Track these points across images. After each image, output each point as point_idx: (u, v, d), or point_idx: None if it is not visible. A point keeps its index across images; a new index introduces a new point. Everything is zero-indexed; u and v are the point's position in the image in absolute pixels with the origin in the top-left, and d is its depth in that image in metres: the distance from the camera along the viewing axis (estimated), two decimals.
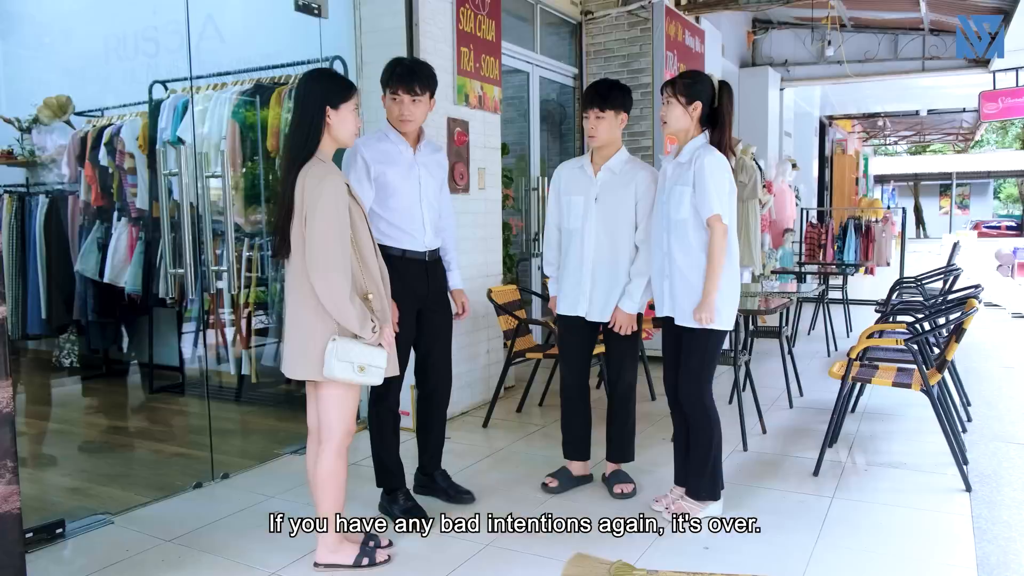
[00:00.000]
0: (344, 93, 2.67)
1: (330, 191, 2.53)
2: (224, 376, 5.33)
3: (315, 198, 2.52)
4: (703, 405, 3.21)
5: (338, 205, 2.54)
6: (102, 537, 3.14)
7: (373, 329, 2.60)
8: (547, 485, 3.57)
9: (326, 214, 2.51)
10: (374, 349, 2.62)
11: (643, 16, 6.64)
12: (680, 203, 3.10)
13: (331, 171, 2.59)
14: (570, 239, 3.44)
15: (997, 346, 7.34)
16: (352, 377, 2.59)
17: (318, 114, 2.62)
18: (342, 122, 2.67)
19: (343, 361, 2.56)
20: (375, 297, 2.66)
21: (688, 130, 3.16)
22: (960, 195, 37.14)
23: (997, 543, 3.04)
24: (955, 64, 9.88)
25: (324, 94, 2.64)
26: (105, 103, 5.56)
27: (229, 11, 5.11)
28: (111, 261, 5.29)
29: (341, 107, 2.65)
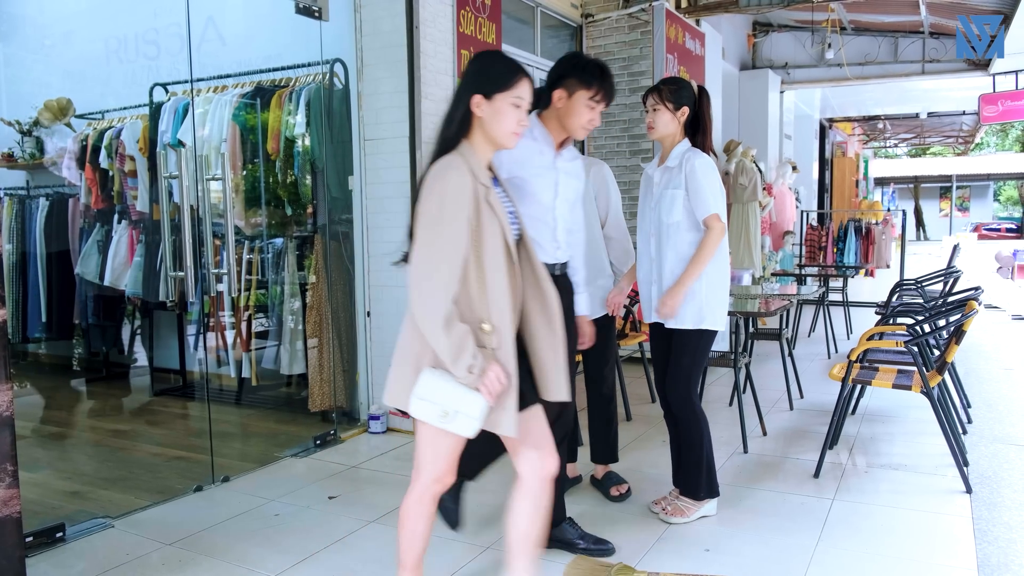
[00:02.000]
0: (502, 80, 2.16)
1: (442, 189, 2.05)
2: (224, 379, 5.33)
3: (426, 197, 2.08)
4: (691, 404, 3.23)
5: (451, 207, 2.03)
6: (102, 541, 3.13)
7: (471, 368, 2.01)
8: None
9: (433, 216, 2.04)
10: (469, 393, 2.03)
11: (643, 19, 6.65)
12: (672, 207, 3.14)
13: (455, 167, 2.09)
14: None
15: (997, 348, 7.34)
16: (434, 420, 2.07)
17: (463, 102, 2.17)
18: (496, 116, 2.16)
19: (426, 400, 2.07)
20: (493, 331, 2.08)
21: (674, 135, 3.21)
22: (960, 197, 37.15)
23: (998, 544, 3.03)
24: (955, 67, 9.89)
25: (476, 79, 2.19)
26: (106, 106, 5.57)
27: (230, 13, 5.12)
28: (111, 264, 5.30)
29: (496, 97, 2.15)
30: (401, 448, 4.32)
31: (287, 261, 4.84)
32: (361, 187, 4.60)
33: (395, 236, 4.50)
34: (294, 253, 4.84)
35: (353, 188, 4.63)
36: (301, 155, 4.59)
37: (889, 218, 11.97)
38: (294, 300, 4.81)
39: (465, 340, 2.01)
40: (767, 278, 8.65)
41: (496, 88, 2.15)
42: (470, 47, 4.84)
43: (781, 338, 5.20)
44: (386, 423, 4.60)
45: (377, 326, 4.64)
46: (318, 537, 3.13)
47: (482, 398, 2.03)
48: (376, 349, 4.66)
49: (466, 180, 2.07)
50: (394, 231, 4.51)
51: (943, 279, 6.25)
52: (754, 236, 8.05)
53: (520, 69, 2.19)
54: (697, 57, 7.45)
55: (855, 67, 10.09)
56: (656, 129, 3.20)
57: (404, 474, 3.91)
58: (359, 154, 4.59)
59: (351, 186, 4.64)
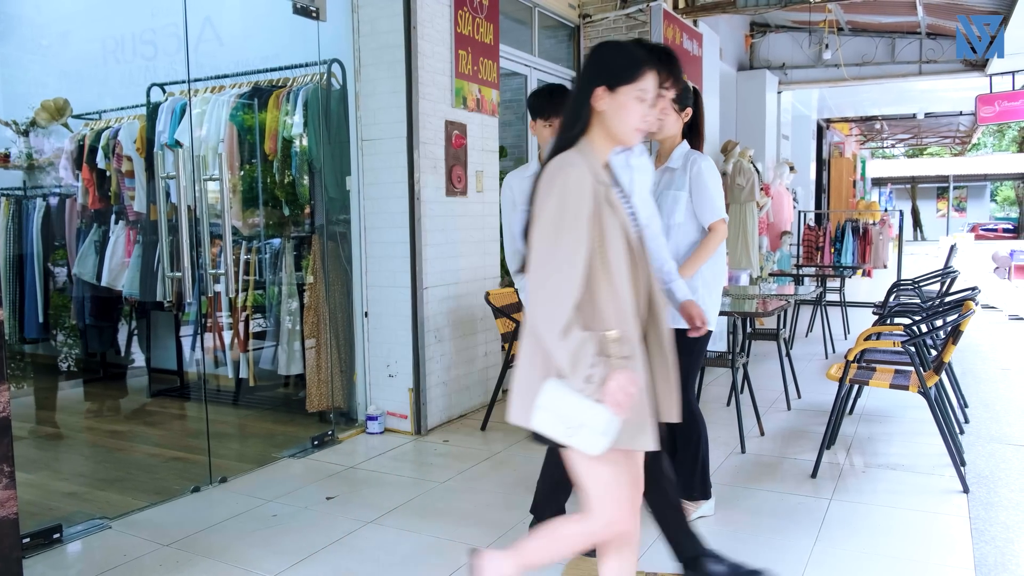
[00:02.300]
0: (627, 72, 1.98)
1: (562, 187, 1.90)
2: (222, 379, 5.33)
3: (543, 198, 1.93)
4: (689, 405, 3.23)
5: (572, 208, 1.89)
6: (99, 542, 3.13)
7: (589, 377, 1.84)
8: None
9: (552, 218, 1.89)
10: (592, 405, 1.86)
11: (641, 19, 6.65)
12: (675, 208, 3.14)
13: (573, 163, 1.94)
14: None
15: (994, 348, 7.35)
16: (558, 434, 1.91)
17: (585, 95, 2.00)
18: (619, 111, 1.99)
19: (549, 411, 1.90)
20: (620, 338, 1.91)
21: (675, 136, 3.21)
22: (957, 198, 37.23)
23: (995, 544, 3.04)
24: (952, 67, 9.91)
25: (598, 71, 2.01)
26: (103, 106, 5.57)
27: (227, 14, 5.11)
28: (108, 264, 5.29)
29: (620, 90, 1.98)
30: (398, 448, 4.32)
31: (285, 261, 4.83)
32: (359, 187, 4.60)
33: (393, 236, 4.50)
34: (292, 253, 4.84)
35: (351, 188, 4.63)
36: (299, 155, 4.59)
37: (886, 218, 12.00)
38: (292, 300, 4.81)
39: (584, 347, 1.85)
40: (764, 278, 8.66)
41: (620, 80, 1.98)
42: (468, 47, 4.85)
43: (779, 338, 5.21)
44: (384, 424, 4.60)
45: (375, 327, 4.64)
46: (316, 538, 3.13)
47: (607, 411, 1.84)
48: (374, 349, 4.66)
49: (586, 179, 1.92)
50: (391, 231, 4.51)
51: (940, 279, 6.26)
52: (752, 236, 8.06)
53: (646, 60, 2.01)
54: (695, 57, 7.45)
55: (852, 68, 10.10)
56: (663, 129, 3.19)
57: (401, 474, 3.92)
58: (357, 154, 4.59)
59: (349, 186, 4.63)
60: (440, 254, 4.64)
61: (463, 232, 4.86)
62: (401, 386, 4.57)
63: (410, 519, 3.32)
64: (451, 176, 4.71)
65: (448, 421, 4.79)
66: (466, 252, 4.89)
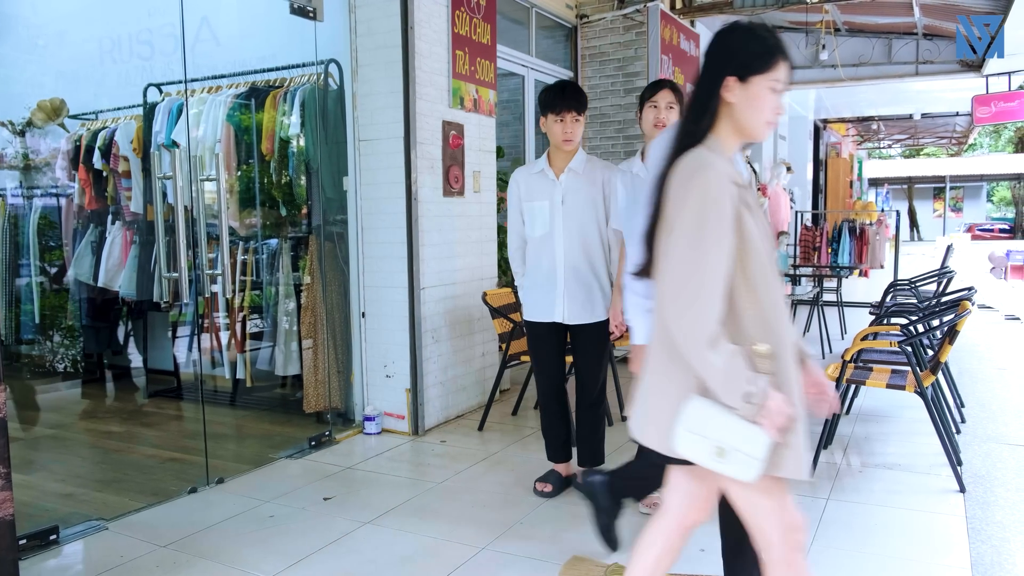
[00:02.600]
0: (761, 60, 1.79)
1: (703, 190, 1.72)
2: (219, 380, 5.32)
3: (679, 200, 1.75)
4: None
5: (713, 214, 1.70)
6: (96, 543, 3.12)
7: (749, 397, 1.67)
8: (542, 491, 3.57)
9: (692, 224, 1.71)
10: (748, 427, 1.69)
11: (638, 20, 6.66)
12: None
13: (712, 163, 1.76)
14: (540, 246, 3.43)
15: (990, 348, 7.37)
16: (705, 459, 1.74)
17: (714, 85, 1.82)
18: (750, 102, 1.80)
19: (695, 433, 1.73)
20: (770, 353, 1.74)
21: None
22: (953, 198, 37.29)
23: (991, 543, 3.04)
24: (948, 68, 9.92)
25: (728, 58, 1.81)
26: (99, 106, 5.55)
27: (224, 14, 5.11)
28: (105, 265, 5.28)
29: (753, 80, 1.79)
30: (395, 449, 4.32)
31: (282, 262, 4.83)
32: (356, 188, 4.60)
33: (390, 237, 4.50)
34: (289, 254, 4.83)
35: (348, 189, 4.63)
36: (296, 156, 4.58)
37: (883, 219, 12.01)
38: (289, 301, 4.80)
39: (738, 364, 1.68)
40: None
41: (753, 69, 1.79)
42: (465, 47, 4.84)
43: None
44: (381, 424, 4.59)
45: (372, 327, 4.64)
46: (313, 539, 3.13)
47: (766, 434, 1.68)
48: (371, 350, 4.66)
49: (725, 180, 1.74)
50: (389, 232, 4.51)
51: (937, 279, 6.27)
52: None
53: (780, 46, 1.82)
54: (692, 58, 7.46)
55: (849, 68, 10.11)
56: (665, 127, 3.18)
57: (398, 475, 3.91)
58: (354, 155, 4.59)
59: (346, 187, 4.63)
60: (437, 254, 4.64)
61: (460, 232, 4.86)
62: (398, 386, 4.56)
63: (407, 520, 3.32)
64: (448, 176, 4.70)
65: (445, 421, 4.79)
66: (463, 252, 4.89)
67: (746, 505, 1.84)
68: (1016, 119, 11.46)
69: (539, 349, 3.56)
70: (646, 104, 3.15)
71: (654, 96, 3.13)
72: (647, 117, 3.14)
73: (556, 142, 3.36)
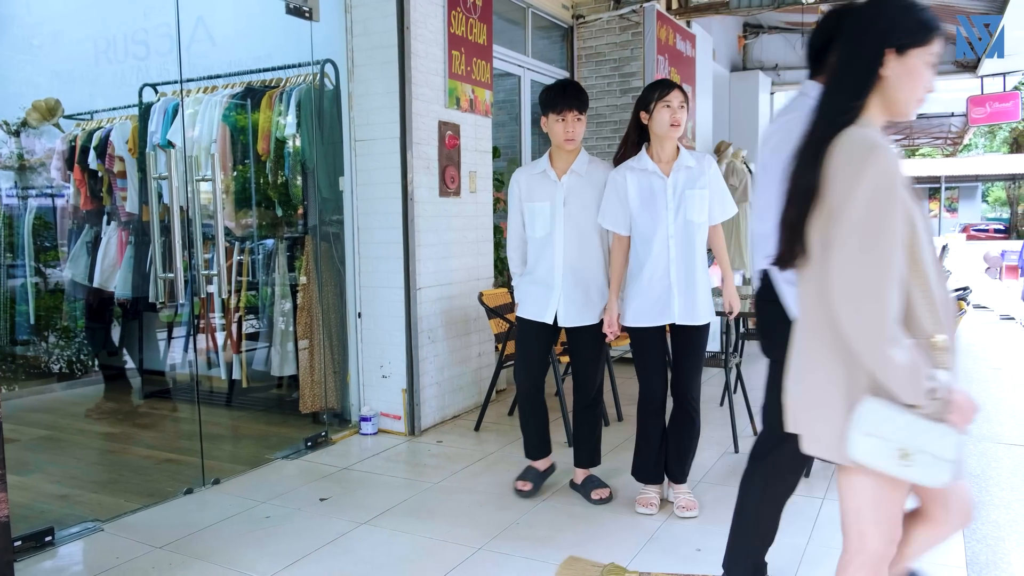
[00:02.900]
0: (921, 33, 1.70)
1: (876, 174, 1.58)
2: (215, 381, 5.31)
3: (848, 186, 1.60)
4: (698, 396, 3.36)
5: (885, 203, 1.58)
6: (92, 544, 3.11)
7: (933, 393, 1.56)
8: (522, 489, 3.56)
9: (862, 213, 1.58)
10: (934, 426, 1.57)
11: (634, 20, 6.66)
12: (701, 207, 3.21)
13: (879, 147, 1.61)
14: (541, 247, 3.41)
15: (985, 348, 7.39)
16: (888, 466, 1.61)
17: (873, 58, 1.69)
18: (907, 77, 1.71)
19: (874, 436, 1.60)
20: (949, 346, 1.63)
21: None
22: (949, 198, 37.37)
23: (986, 543, 3.05)
24: (943, 69, 9.95)
25: (887, 28, 1.70)
26: (95, 106, 5.54)
27: (220, 14, 5.10)
28: (100, 265, 5.27)
29: (911, 53, 1.70)
30: (392, 449, 4.32)
31: (278, 262, 4.82)
32: (352, 188, 4.60)
33: (386, 237, 4.50)
34: (285, 254, 4.83)
35: (344, 189, 4.62)
36: (292, 156, 4.58)
37: None
38: (285, 301, 4.80)
39: (920, 359, 1.57)
40: None
41: (913, 42, 1.69)
42: (461, 47, 4.84)
43: None
44: (377, 424, 4.59)
45: (368, 327, 4.64)
46: (309, 539, 3.12)
47: (954, 432, 1.56)
48: (367, 350, 4.65)
49: (892, 163, 1.60)
50: (385, 232, 4.51)
51: None
52: (744, 237, 8.07)
53: (935, 19, 1.73)
54: (688, 58, 7.47)
55: None
56: (681, 127, 3.19)
57: (395, 475, 3.91)
58: (350, 155, 4.59)
59: (342, 187, 4.63)
60: (433, 255, 4.64)
61: (456, 233, 4.86)
62: (394, 387, 4.56)
63: (404, 520, 3.32)
64: (444, 177, 4.70)
65: (442, 422, 4.79)
66: (459, 253, 4.89)
67: (865, 499, 1.73)
68: (1011, 119, 11.50)
69: (527, 346, 3.54)
70: (658, 103, 3.15)
71: (667, 96, 3.15)
72: (662, 117, 3.15)
73: (558, 142, 3.34)
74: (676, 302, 3.21)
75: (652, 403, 3.32)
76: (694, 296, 3.22)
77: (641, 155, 3.25)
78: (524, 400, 3.60)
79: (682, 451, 3.36)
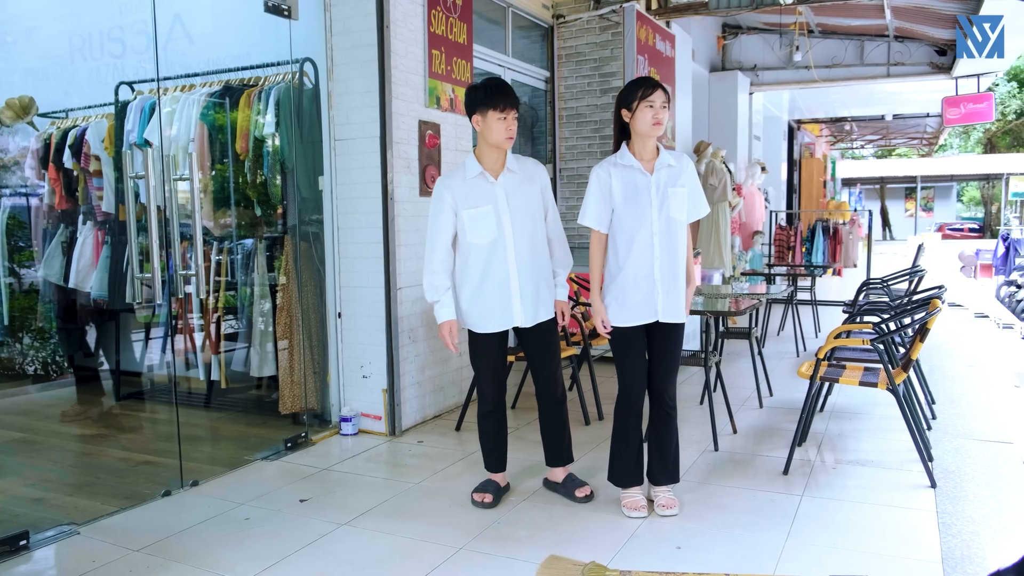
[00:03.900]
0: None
1: None
2: (193, 382, 5.26)
3: None
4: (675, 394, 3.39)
5: None
6: (68, 548, 3.08)
7: None
8: (482, 501, 3.43)
9: None
10: None
11: (614, 20, 6.68)
12: (682, 205, 3.24)
13: None
14: (488, 253, 3.28)
15: (960, 345, 7.48)
16: None
17: None
18: None
19: None
20: None
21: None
22: (925, 198, 37.84)
23: (961, 538, 3.09)
24: (919, 70, 10.08)
25: None
26: (70, 104, 5.47)
27: (197, 12, 5.05)
28: (76, 266, 5.21)
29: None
30: (372, 450, 4.30)
31: (257, 262, 4.79)
32: (332, 188, 4.57)
33: (366, 237, 4.48)
34: (264, 254, 4.80)
35: (323, 189, 4.60)
36: (271, 155, 4.55)
37: (856, 218, 12.15)
38: (264, 302, 4.76)
39: None
40: (737, 277, 8.74)
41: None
42: (441, 47, 4.84)
43: (751, 337, 5.25)
44: (357, 425, 4.57)
45: (348, 327, 4.62)
46: (289, 541, 3.10)
47: None
48: (347, 350, 4.63)
49: None
50: (365, 232, 4.49)
51: (908, 278, 6.35)
52: (724, 236, 8.13)
53: None
54: (667, 59, 7.50)
55: (822, 69, 10.22)
56: (662, 127, 3.21)
57: (375, 476, 3.90)
58: (330, 154, 4.56)
59: (321, 186, 4.60)
60: (414, 254, 4.63)
61: None
62: (375, 387, 4.54)
63: (385, 520, 3.31)
64: (425, 176, 4.69)
65: (423, 421, 4.78)
66: None
67: None
68: (984, 120, 11.67)
69: (492, 359, 3.44)
70: (641, 103, 3.17)
71: (650, 96, 3.17)
72: (644, 116, 3.17)
73: (496, 140, 3.23)
74: (660, 300, 3.22)
75: (634, 403, 3.33)
76: (677, 294, 3.25)
77: (623, 152, 3.26)
78: (492, 413, 3.50)
79: (664, 451, 3.36)
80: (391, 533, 3.17)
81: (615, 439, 3.39)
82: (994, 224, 31.48)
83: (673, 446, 3.38)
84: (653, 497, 3.38)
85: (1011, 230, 15.00)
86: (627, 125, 3.24)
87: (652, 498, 3.38)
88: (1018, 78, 26.07)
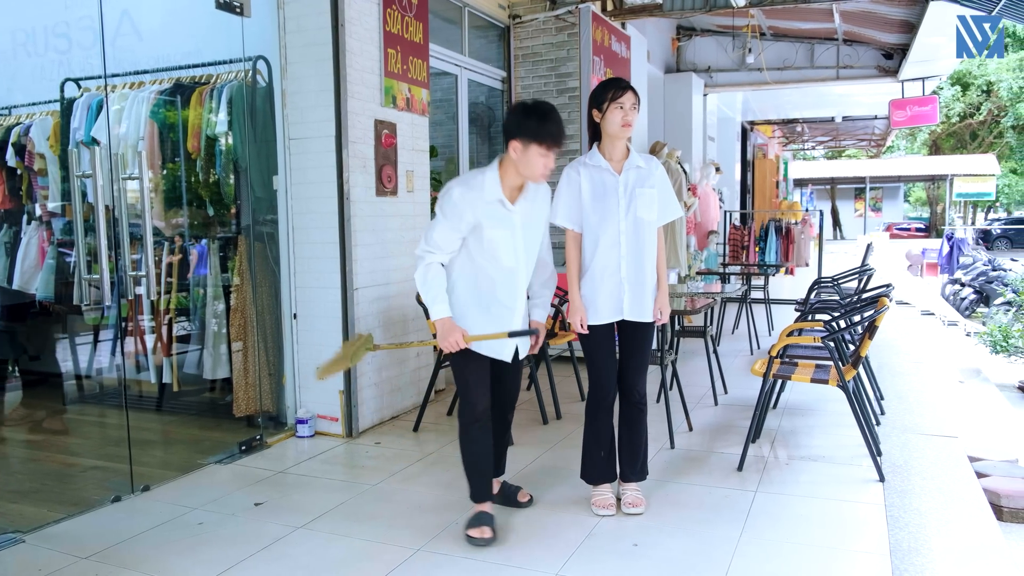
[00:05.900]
0: None
1: None
2: (144, 385, 5.15)
3: None
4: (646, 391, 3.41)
5: None
6: (12, 557, 2.99)
7: None
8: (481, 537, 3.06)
9: None
10: None
11: (570, 21, 6.71)
12: (651, 205, 3.26)
13: None
14: (506, 276, 3.09)
15: (907, 342, 7.68)
16: None
17: None
18: None
19: None
20: None
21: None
22: (873, 198, 38.77)
23: (908, 530, 3.18)
24: (867, 73, 10.32)
25: None
26: (13, 101, 5.33)
27: (146, 7, 4.95)
28: (20, 267, 5.06)
29: None
30: (329, 452, 4.26)
31: (210, 263, 4.70)
32: (286, 187, 4.52)
33: (322, 237, 4.43)
34: (217, 254, 4.72)
35: (278, 188, 4.54)
36: (223, 154, 4.48)
37: (808, 218, 12.40)
38: (217, 303, 4.68)
39: None
40: (692, 277, 8.85)
41: None
42: (397, 46, 4.81)
43: (706, 335, 5.33)
44: (314, 427, 4.52)
45: (304, 328, 4.56)
46: (243, 545, 3.06)
47: None
48: (303, 352, 4.58)
49: None
50: (320, 232, 4.44)
51: (857, 277, 6.50)
52: (680, 236, 8.21)
53: None
54: (623, 60, 7.56)
55: (774, 71, 10.41)
56: (632, 128, 3.23)
57: (332, 478, 3.86)
58: (284, 154, 4.50)
59: (276, 186, 4.54)
60: (370, 254, 4.59)
61: (393, 232, 4.82)
62: (331, 388, 4.50)
63: (341, 523, 3.28)
64: (381, 176, 4.66)
65: (380, 423, 4.75)
66: (397, 252, 4.85)
67: None
68: (929, 123, 11.99)
69: (475, 371, 3.16)
70: (611, 104, 3.18)
71: (620, 97, 3.18)
72: (614, 118, 3.18)
73: (531, 175, 3.02)
74: (626, 299, 3.25)
75: (604, 400, 3.33)
76: (643, 293, 3.28)
77: (593, 152, 3.29)
78: (481, 430, 3.18)
79: (634, 448, 3.39)
80: (348, 535, 3.15)
81: (587, 437, 3.40)
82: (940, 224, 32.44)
83: (643, 443, 3.42)
84: (621, 495, 3.40)
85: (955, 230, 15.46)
86: (599, 126, 3.26)
87: (620, 496, 3.40)
88: (961, 82, 26.88)
